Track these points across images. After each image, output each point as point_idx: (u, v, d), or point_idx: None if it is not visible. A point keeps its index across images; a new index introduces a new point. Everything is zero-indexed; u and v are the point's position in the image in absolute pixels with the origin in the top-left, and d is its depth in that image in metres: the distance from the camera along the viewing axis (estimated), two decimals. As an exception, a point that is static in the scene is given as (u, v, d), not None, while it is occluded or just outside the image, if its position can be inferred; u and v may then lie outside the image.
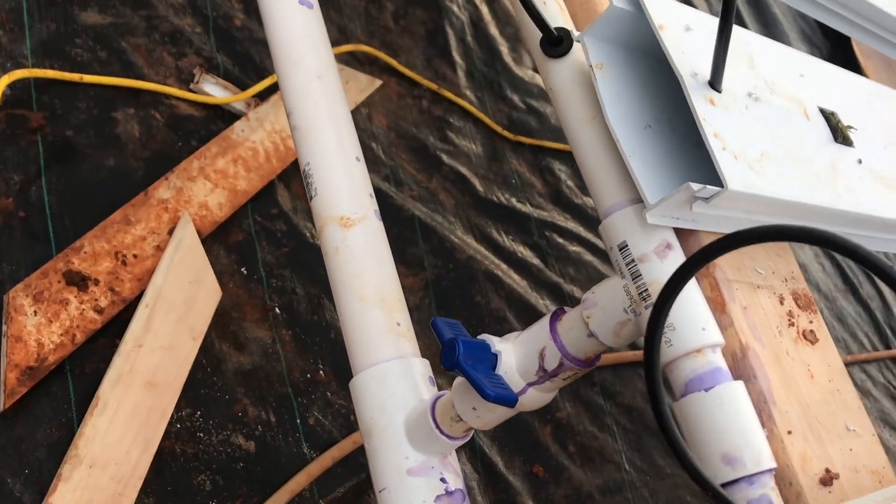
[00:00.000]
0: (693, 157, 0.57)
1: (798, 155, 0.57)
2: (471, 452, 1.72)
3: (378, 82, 1.93)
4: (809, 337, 0.57)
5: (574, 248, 2.11)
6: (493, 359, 0.60)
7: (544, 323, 0.60)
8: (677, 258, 0.53)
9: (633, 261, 0.54)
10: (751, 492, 0.49)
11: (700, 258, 0.38)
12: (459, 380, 0.66)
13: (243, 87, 1.72)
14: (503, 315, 1.85)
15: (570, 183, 2.20)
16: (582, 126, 0.59)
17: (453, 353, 0.59)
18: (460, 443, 0.70)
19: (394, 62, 1.97)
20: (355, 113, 1.88)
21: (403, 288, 1.80)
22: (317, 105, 0.83)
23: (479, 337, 0.63)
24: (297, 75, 0.84)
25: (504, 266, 1.94)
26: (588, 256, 2.13)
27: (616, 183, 0.56)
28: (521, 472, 1.76)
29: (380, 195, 1.82)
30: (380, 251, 0.79)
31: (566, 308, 0.61)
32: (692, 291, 0.53)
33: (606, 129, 0.56)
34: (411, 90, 2.01)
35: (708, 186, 0.49)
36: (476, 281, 1.86)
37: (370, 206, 0.81)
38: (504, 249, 1.97)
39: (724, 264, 0.56)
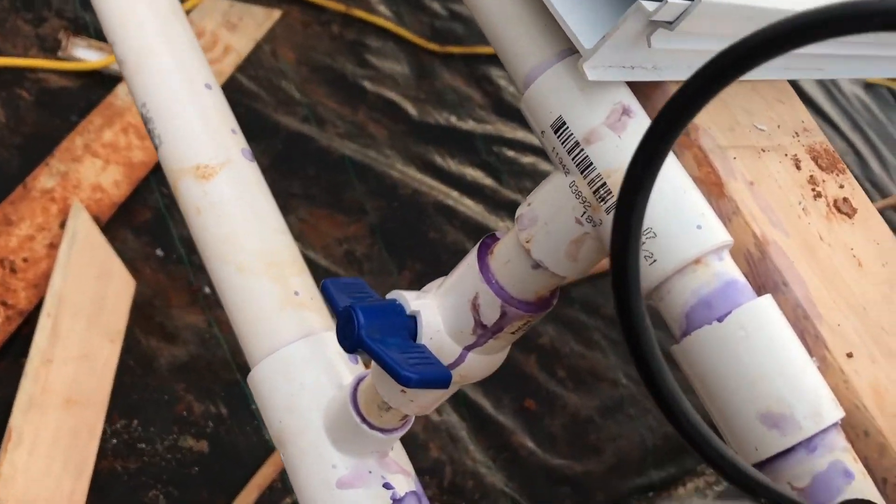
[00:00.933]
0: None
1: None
2: (453, 399, 1.56)
3: (277, 13, 1.71)
4: (844, 208, 0.40)
5: (527, 159, 1.93)
6: (410, 324, 0.43)
7: (471, 261, 0.42)
8: (642, 126, 0.35)
9: (577, 144, 0.36)
10: (814, 462, 0.32)
11: (693, 93, 0.21)
12: (375, 358, 0.48)
13: (120, 45, 1.49)
14: (462, 247, 1.67)
15: (511, 89, 2.00)
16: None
17: (351, 327, 0.41)
18: (399, 434, 0.53)
19: (290, -12, 1.74)
20: (257, 51, 1.66)
21: (346, 237, 1.61)
22: (143, 26, 0.63)
23: (388, 296, 0.45)
24: (112, -7, 0.63)
25: (454, 193, 1.76)
26: (544, 165, 1.94)
27: (533, 33, 0.37)
28: (512, 410, 1.61)
29: (301, 139, 1.62)
30: (256, 202, 0.60)
31: (497, 234, 0.43)
32: (673, 172, 0.35)
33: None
34: (317, 16, 1.79)
35: (670, 0, 0.30)
36: (426, 215, 1.68)
37: (233, 145, 0.62)
38: (451, 175, 1.78)
39: (711, 125, 0.37)
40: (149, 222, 1.39)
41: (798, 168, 0.39)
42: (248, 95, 1.58)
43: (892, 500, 0.33)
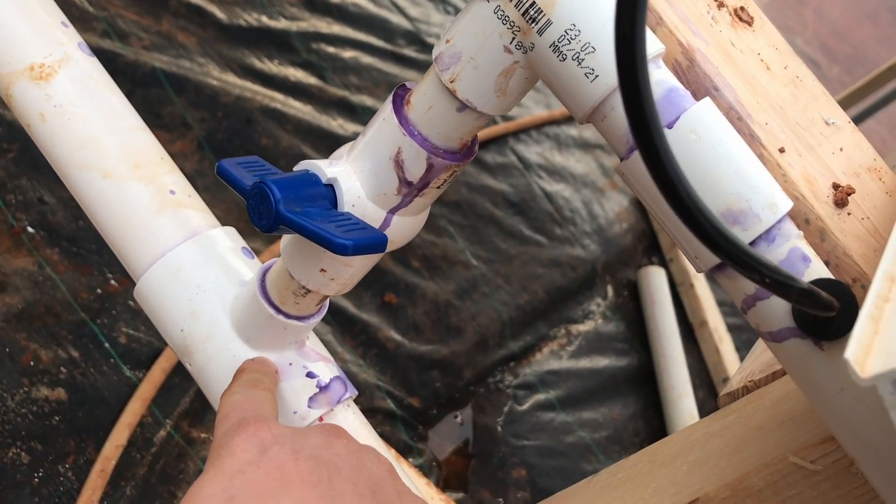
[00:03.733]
0: None
1: None
2: (314, 306, 1.53)
3: (50, -82, 1.53)
4: (744, 17, 0.40)
5: (348, 53, 1.87)
6: (328, 193, 0.40)
7: (387, 115, 0.39)
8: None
9: (499, -35, 0.33)
10: (775, 251, 0.33)
11: None
12: (289, 239, 0.45)
13: None
14: (298, 151, 1.62)
15: (319, -19, 1.92)
16: None
17: (268, 203, 0.38)
18: (316, 320, 0.50)
19: None
20: (35, -37, 1.48)
21: (172, 156, 1.51)
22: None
23: (296, 168, 0.42)
24: None
25: (280, 96, 1.68)
26: (366, 59, 1.89)
27: None
28: (374, 306, 1.61)
29: (105, 55, 1.49)
30: (107, 99, 0.54)
31: (408, 84, 0.41)
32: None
33: None
34: (96, -82, 1.62)
35: None
36: (254, 122, 1.60)
37: (68, 39, 0.55)
38: (274, 78, 1.70)
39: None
40: (-53, 165, 1.24)
41: (698, -20, 0.39)
42: (35, 12, 1.42)
43: (838, 279, 0.34)
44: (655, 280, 2.07)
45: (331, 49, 1.85)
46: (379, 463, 0.42)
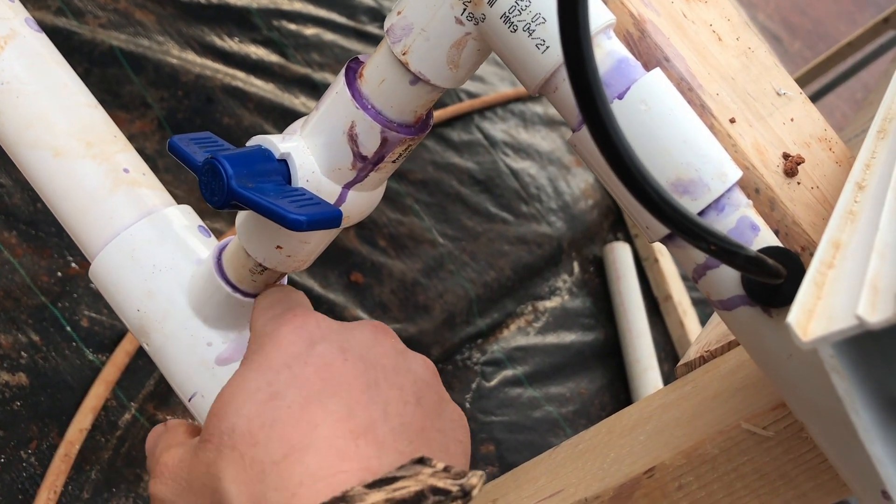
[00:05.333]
0: None
1: None
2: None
3: None
4: (697, -12, 0.40)
5: (310, 30, 1.85)
6: (282, 168, 0.39)
7: (339, 89, 0.39)
8: None
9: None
10: (724, 221, 0.33)
11: None
12: (243, 216, 0.44)
13: None
14: (261, 129, 1.60)
15: (279, -42, 1.89)
16: None
17: (220, 179, 0.38)
18: (275, 297, 0.50)
19: None
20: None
21: (132, 135, 1.49)
22: None
23: (248, 143, 0.41)
24: None
25: (241, 74, 1.66)
26: (329, 35, 1.88)
27: None
28: (340, 286, 1.60)
29: (60, 34, 1.45)
30: (56, 76, 0.53)
31: (361, 56, 0.40)
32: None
33: None
34: None
35: None
36: (215, 101, 1.58)
37: (14, 15, 0.53)
38: (234, 55, 1.68)
39: None
40: None
41: (649, -49, 0.39)
42: (-14, -11, 1.39)
43: (786, 247, 0.35)
44: (621, 256, 2.09)
45: (292, 26, 1.83)
46: (424, 366, 0.41)
